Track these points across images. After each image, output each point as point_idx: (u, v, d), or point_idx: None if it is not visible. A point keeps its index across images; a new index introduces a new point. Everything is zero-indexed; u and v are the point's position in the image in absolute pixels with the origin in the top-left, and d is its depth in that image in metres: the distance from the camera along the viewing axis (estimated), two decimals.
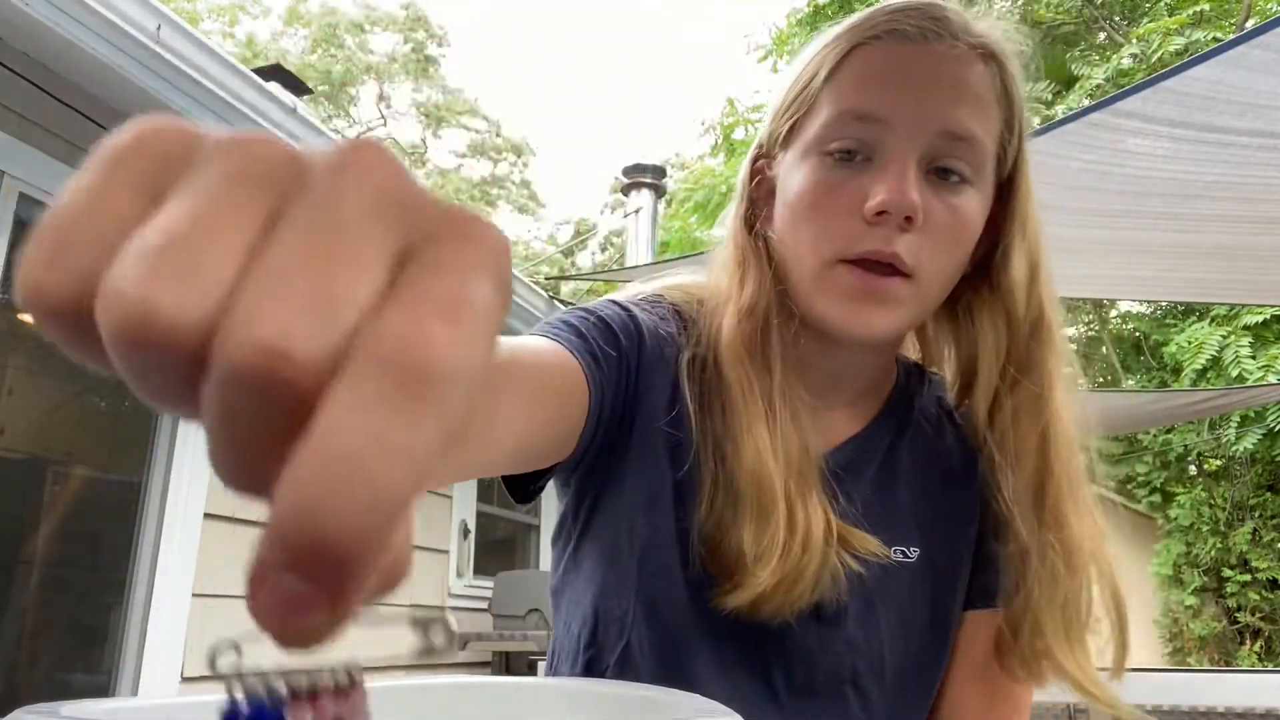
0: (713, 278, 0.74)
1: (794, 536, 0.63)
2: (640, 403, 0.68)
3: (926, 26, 0.65)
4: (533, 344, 0.59)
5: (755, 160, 0.74)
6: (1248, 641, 10.21)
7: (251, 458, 0.16)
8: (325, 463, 0.15)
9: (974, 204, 0.65)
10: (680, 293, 0.75)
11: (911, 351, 0.82)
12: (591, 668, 0.68)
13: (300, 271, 0.16)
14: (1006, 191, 0.69)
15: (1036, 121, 9.51)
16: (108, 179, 0.17)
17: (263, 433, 0.16)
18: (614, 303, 0.71)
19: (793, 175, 0.68)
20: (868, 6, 0.71)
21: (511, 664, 4.22)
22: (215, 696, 0.42)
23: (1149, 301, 10.64)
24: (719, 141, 11.41)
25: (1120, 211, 2.51)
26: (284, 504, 0.15)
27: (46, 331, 0.18)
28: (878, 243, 0.62)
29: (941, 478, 0.74)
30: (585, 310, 0.69)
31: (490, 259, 0.17)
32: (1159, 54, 8.32)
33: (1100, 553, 0.66)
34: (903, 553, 0.70)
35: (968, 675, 0.73)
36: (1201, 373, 8.43)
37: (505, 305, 0.18)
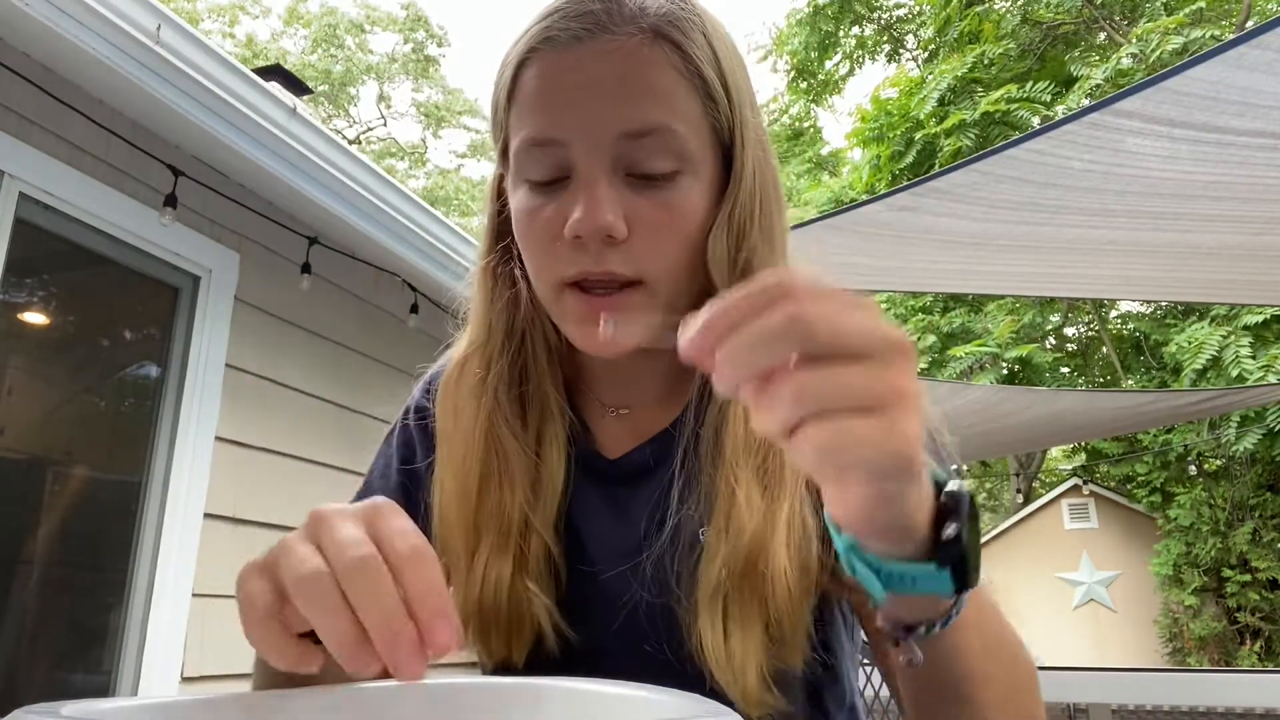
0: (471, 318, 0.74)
1: (479, 590, 0.66)
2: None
3: (576, 28, 0.61)
4: None
5: (500, 181, 0.71)
6: (1248, 641, 10.21)
7: None
8: None
9: (689, 190, 0.62)
10: None
11: None
12: None
13: None
14: (730, 162, 0.65)
15: (1036, 121, 9.49)
16: None
17: None
18: (401, 417, 0.79)
19: (512, 201, 0.66)
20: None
21: None
22: (215, 696, 0.42)
23: (1149, 301, 10.63)
24: None
25: (1120, 211, 2.51)
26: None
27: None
28: (587, 264, 0.61)
29: None
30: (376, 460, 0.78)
31: None
32: (1158, 53, 8.32)
33: (763, 549, 0.61)
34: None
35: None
36: (1201, 373, 8.43)
37: None
